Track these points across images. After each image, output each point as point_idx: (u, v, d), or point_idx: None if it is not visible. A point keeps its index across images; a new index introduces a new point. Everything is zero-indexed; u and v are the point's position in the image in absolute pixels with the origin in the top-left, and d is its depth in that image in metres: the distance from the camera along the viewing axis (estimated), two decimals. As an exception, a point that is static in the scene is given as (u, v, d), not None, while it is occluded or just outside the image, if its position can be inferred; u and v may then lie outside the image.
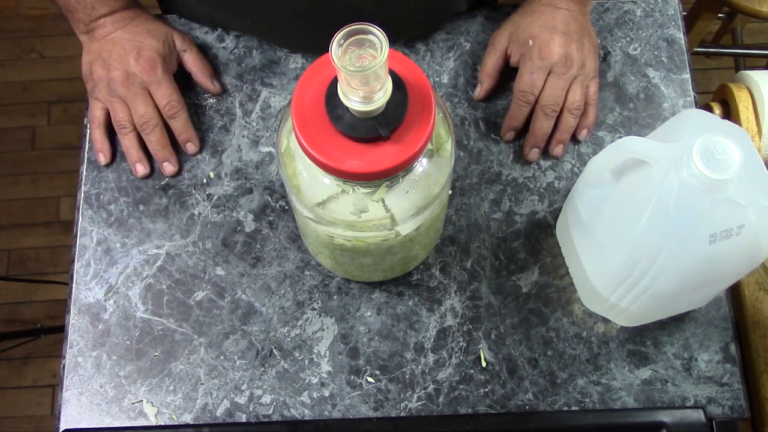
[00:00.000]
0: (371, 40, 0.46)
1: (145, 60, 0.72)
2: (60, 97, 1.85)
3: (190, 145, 0.75)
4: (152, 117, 0.73)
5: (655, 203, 0.55)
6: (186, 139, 0.75)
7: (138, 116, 0.72)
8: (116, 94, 0.72)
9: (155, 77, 0.72)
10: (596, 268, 0.65)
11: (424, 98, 0.51)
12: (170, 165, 0.75)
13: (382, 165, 0.50)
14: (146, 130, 0.73)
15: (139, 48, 0.72)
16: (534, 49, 0.71)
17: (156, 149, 0.74)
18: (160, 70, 0.72)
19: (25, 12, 1.94)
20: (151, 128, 0.73)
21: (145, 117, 0.72)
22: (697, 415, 0.66)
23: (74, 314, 0.72)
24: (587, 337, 0.71)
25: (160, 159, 0.74)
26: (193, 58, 0.77)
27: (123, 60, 0.72)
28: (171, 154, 0.74)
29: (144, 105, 0.72)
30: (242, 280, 0.73)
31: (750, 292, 0.74)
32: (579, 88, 0.72)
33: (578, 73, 0.72)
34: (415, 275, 0.73)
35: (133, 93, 0.72)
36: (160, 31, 0.74)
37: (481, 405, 0.69)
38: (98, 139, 0.75)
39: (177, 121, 0.74)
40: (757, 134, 0.80)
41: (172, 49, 0.75)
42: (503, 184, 0.76)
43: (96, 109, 0.74)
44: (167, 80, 0.73)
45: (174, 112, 0.73)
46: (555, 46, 0.71)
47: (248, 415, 0.69)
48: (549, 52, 0.71)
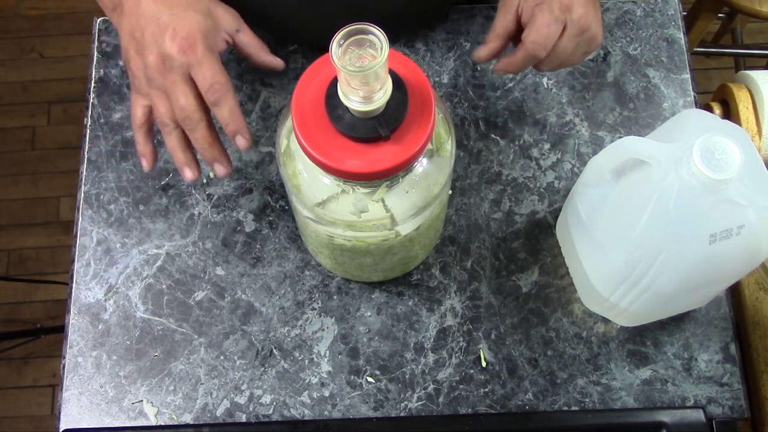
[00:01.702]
0: (371, 40, 0.46)
1: (182, 38, 0.58)
2: (60, 97, 1.85)
3: (240, 138, 0.61)
4: (194, 110, 0.59)
5: (655, 203, 0.55)
6: (234, 130, 0.60)
7: (178, 110, 0.60)
8: (154, 84, 0.60)
9: (195, 57, 0.58)
10: (596, 268, 0.65)
11: (424, 98, 0.51)
12: (221, 166, 0.62)
13: (382, 165, 0.50)
14: (189, 126, 0.60)
15: (175, 24, 0.58)
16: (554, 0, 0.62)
17: (202, 148, 0.61)
18: (200, 48, 0.59)
19: (25, 12, 1.94)
20: (194, 124, 0.60)
21: (186, 110, 0.59)
22: (697, 415, 0.66)
23: (74, 314, 0.72)
24: (587, 337, 0.71)
25: (209, 159, 0.62)
26: (248, 37, 0.64)
27: (157, 40, 0.59)
28: (221, 153, 0.62)
29: (184, 96, 0.59)
30: (242, 280, 0.73)
31: (750, 292, 0.74)
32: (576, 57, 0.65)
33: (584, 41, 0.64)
34: (415, 275, 0.73)
35: (172, 81, 0.59)
36: (201, 4, 0.61)
37: (481, 405, 0.69)
38: (140, 141, 0.64)
39: (221, 108, 0.60)
40: (757, 134, 0.80)
41: (216, 25, 0.62)
42: (503, 184, 0.76)
43: (136, 106, 0.63)
44: (209, 59, 0.59)
45: (217, 98, 0.59)
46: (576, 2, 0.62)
47: (248, 415, 0.69)
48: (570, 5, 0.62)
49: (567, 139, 0.77)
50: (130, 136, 0.78)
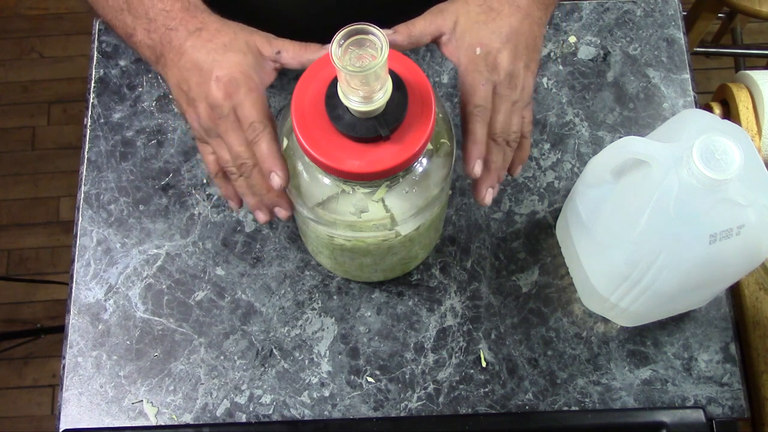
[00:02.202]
0: (371, 40, 0.46)
1: (225, 83, 0.56)
2: (60, 97, 1.85)
3: (274, 176, 0.56)
4: (248, 156, 0.57)
5: (655, 203, 0.55)
6: (267, 168, 0.57)
7: (233, 157, 0.58)
8: (212, 134, 0.59)
9: (238, 99, 0.56)
10: (596, 268, 0.65)
11: (424, 98, 0.51)
12: (281, 209, 0.59)
13: (382, 165, 0.50)
14: (245, 172, 0.58)
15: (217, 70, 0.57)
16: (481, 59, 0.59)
17: (260, 194, 0.59)
18: (243, 90, 0.56)
19: (25, 12, 1.94)
20: (248, 169, 0.57)
21: (240, 157, 0.57)
22: (697, 415, 0.66)
23: (74, 314, 0.72)
24: (587, 337, 0.71)
25: (268, 205, 0.59)
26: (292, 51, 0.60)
27: (203, 90, 0.57)
28: (279, 197, 0.59)
29: (236, 142, 0.57)
30: (242, 280, 0.73)
31: (750, 292, 0.74)
32: (517, 115, 0.60)
33: (519, 97, 0.59)
34: (415, 275, 0.73)
35: (224, 129, 0.57)
36: (239, 42, 0.58)
37: (481, 405, 0.69)
38: (221, 187, 0.62)
39: (258, 146, 0.57)
40: (757, 134, 0.80)
41: (259, 58, 0.59)
42: (503, 184, 0.76)
43: (206, 155, 0.61)
44: (250, 99, 0.56)
45: (254, 137, 0.56)
46: (503, 60, 0.58)
47: (248, 415, 0.69)
48: (496, 66, 0.58)
49: (567, 139, 0.77)
50: (131, 136, 0.78)
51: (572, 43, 0.81)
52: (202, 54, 0.57)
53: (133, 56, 0.81)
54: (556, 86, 0.79)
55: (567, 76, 0.80)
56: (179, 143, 0.77)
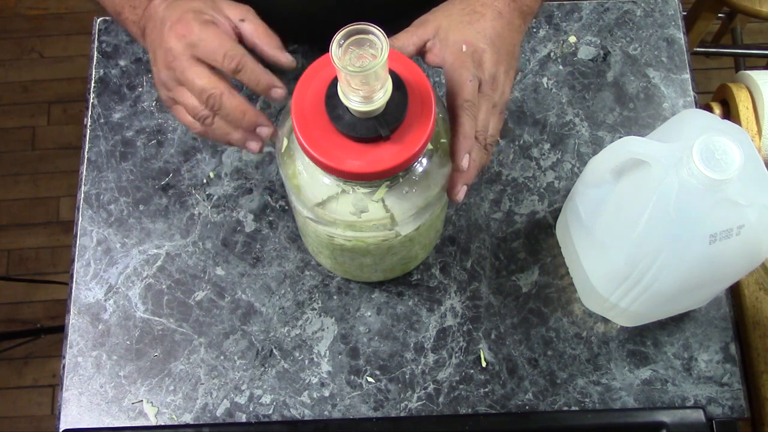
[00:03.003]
0: (371, 40, 0.46)
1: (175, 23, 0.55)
2: (60, 97, 1.85)
3: (275, 90, 0.56)
4: (213, 86, 0.55)
5: (655, 203, 0.55)
6: (266, 86, 0.56)
7: (198, 94, 0.55)
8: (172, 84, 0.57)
9: (193, 35, 0.54)
10: (596, 268, 0.65)
11: (424, 98, 0.51)
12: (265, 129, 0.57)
13: (382, 165, 0.50)
14: (215, 105, 0.56)
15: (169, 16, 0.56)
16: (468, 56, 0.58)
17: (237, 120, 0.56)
18: (196, 25, 0.55)
19: (25, 12, 1.94)
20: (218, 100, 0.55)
21: (206, 90, 0.55)
22: (697, 415, 0.66)
23: (74, 314, 0.72)
24: (587, 337, 0.71)
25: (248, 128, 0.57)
26: (254, 28, 0.58)
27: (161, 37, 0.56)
28: (258, 115, 0.57)
29: (198, 77, 0.55)
30: (242, 280, 0.73)
31: (750, 292, 0.74)
32: (495, 119, 0.59)
33: (498, 100, 0.59)
34: (415, 275, 0.73)
35: (180, 69, 0.55)
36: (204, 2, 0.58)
37: (481, 405, 0.69)
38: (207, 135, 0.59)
39: (244, 72, 0.55)
40: (757, 134, 0.80)
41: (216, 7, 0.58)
42: (503, 184, 0.76)
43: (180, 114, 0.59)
44: (209, 32, 0.55)
45: (235, 64, 0.55)
46: (487, 60, 0.58)
47: (248, 415, 0.69)
48: (483, 65, 0.58)
49: (567, 139, 0.77)
50: (131, 136, 0.78)
51: (572, 43, 0.81)
52: (168, 11, 0.57)
53: (133, 56, 0.81)
54: (556, 86, 0.79)
55: (567, 76, 0.80)
56: (179, 143, 0.77)
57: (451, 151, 0.56)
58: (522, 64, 0.80)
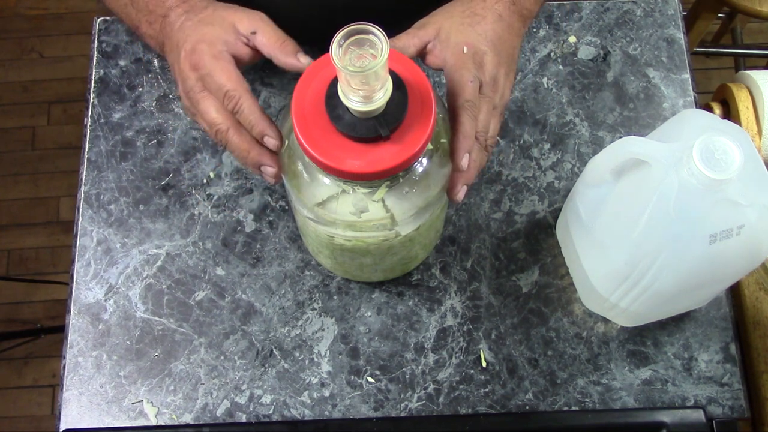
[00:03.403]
0: (371, 40, 0.46)
1: (188, 54, 0.57)
2: (60, 97, 1.85)
3: (268, 139, 0.56)
4: (220, 122, 0.57)
5: (655, 203, 0.55)
6: (258, 133, 0.56)
7: (209, 127, 0.58)
8: (191, 110, 0.60)
9: (204, 69, 0.56)
10: (596, 268, 0.65)
11: (424, 98, 0.51)
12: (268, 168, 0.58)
13: (382, 165, 0.50)
14: (222, 139, 0.58)
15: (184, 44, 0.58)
16: (469, 57, 0.59)
17: (241, 158, 0.58)
18: (207, 58, 0.56)
19: (25, 12, 1.94)
20: (223, 135, 0.57)
21: (214, 125, 0.57)
22: (697, 415, 0.66)
23: (74, 314, 0.72)
24: (587, 337, 0.71)
25: (251, 167, 0.59)
26: (267, 38, 0.59)
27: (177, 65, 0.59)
28: (261, 155, 0.58)
29: (207, 111, 0.57)
30: (242, 280, 0.73)
31: (750, 292, 0.74)
32: (495, 120, 0.60)
33: (498, 103, 0.60)
34: (415, 275, 0.73)
35: (195, 100, 0.58)
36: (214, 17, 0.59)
37: (481, 405, 0.69)
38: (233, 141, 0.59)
39: (241, 114, 0.56)
40: (757, 134, 0.80)
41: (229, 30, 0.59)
42: (503, 184, 0.76)
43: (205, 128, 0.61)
44: (218, 67, 0.56)
45: (233, 105, 0.56)
46: (488, 62, 0.59)
47: (248, 415, 0.69)
48: (484, 67, 0.59)
49: (567, 139, 0.77)
50: (130, 136, 0.78)
51: (572, 43, 0.81)
52: (181, 33, 0.59)
53: (133, 56, 0.81)
54: (556, 86, 0.79)
55: (567, 76, 0.80)
56: (179, 143, 0.77)
57: (451, 150, 0.56)
58: (522, 64, 0.80)
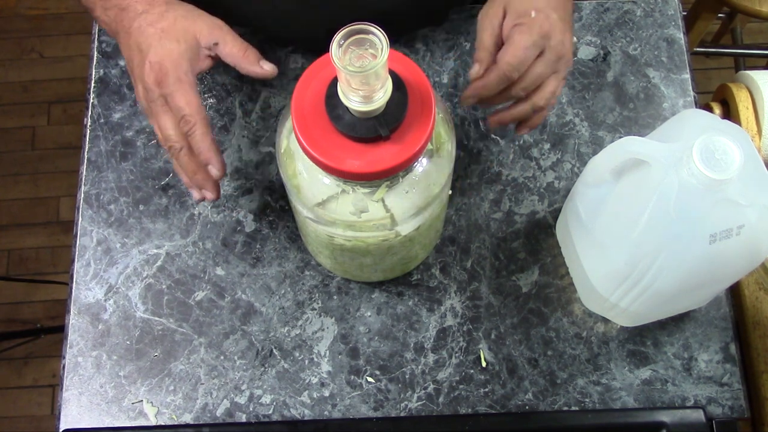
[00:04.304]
0: (371, 40, 0.46)
1: (155, 70, 0.60)
2: (60, 97, 1.85)
3: (211, 168, 0.62)
4: (176, 139, 0.61)
5: (655, 203, 0.55)
6: (204, 160, 0.61)
7: (164, 139, 0.62)
8: (150, 112, 0.63)
9: (167, 89, 0.60)
10: (596, 268, 0.65)
11: (424, 98, 0.51)
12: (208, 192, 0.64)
13: (382, 165, 0.50)
14: (174, 154, 0.62)
15: (150, 55, 0.61)
16: (536, 23, 0.61)
17: (188, 174, 0.63)
18: (171, 79, 0.60)
19: (25, 12, 1.93)
20: (176, 152, 0.62)
21: (170, 139, 0.61)
22: (697, 415, 0.66)
23: (74, 314, 0.72)
24: (587, 337, 0.71)
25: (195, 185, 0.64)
26: (229, 48, 0.62)
27: (140, 72, 0.61)
28: (205, 179, 0.63)
29: (165, 125, 0.61)
30: (242, 280, 0.73)
31: (750, 292, 0.74)
32: (554, 83, 0.64)
33: (560, 68, 0.64)
34: (415, 275, 0.73)
35: (156, 111, 0.61)
36: (176, 29, 0.61)
37: (481, 405, 0.69)
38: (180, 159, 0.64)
39: (193, 138, 0.61)
40: (757, 134, 0.80)
41: (192, 46, 0.62)
42: (503, 184, 0.76)
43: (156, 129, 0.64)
44: (180, 90, 0.60)
45: (187, 129, 0.60)
46: (556, 29, 0.61)
47: (248, 415, 0.69)
48: (550, 31, 0.61)
49: (567, 139, 0.77)
50: (130, 136, 0.78)
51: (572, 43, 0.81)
52: (143, 38, 0.61)
53: (133, 56, 0.81)
54: (556, 86, 0.79)
55: (567, 76, 0.79)
56: (179, 143, 0.77)
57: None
58: (522, 64, 0.80)
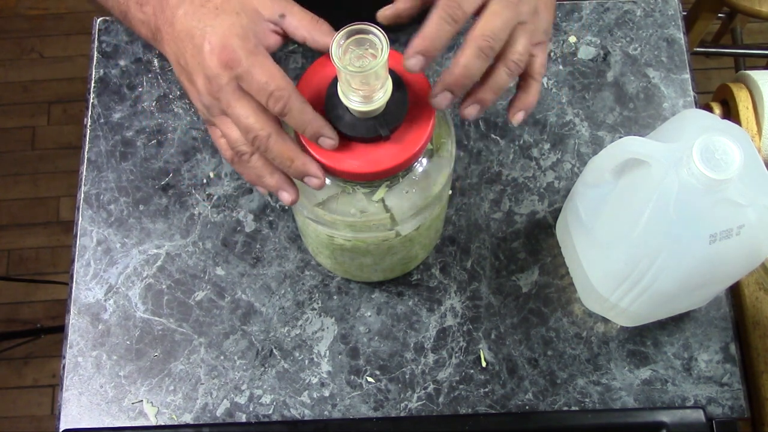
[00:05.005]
0: (371, 40, 0.46)
1: (219, 50, 0.50)
2: (60, 97, 1.85)
3: (324, 140, 0.51)
4: (260, 126, 0.50)
5: (655, 203, 0.55)
6: (314, 133, 0.50)
7: (244, 132, 0.51)
8: (214, 111, 0.53)
9: (241, 67, 0.50)
10: (596, 268, 0.65)
11: (424, 98, 0.51)
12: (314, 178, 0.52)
13: (382, 165, 0.50)
14: (261, 146, 0.51)
15: (209, 36, 0.50)
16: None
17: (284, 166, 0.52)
18: (242, 54, 0.50)
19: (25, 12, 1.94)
20: (264, 142, 0.51)
21: (252, 130, 0.50)
22: (697, 415, 0.66)
23: (74, 314, 0.72)
24: (587, 337, 0.71)
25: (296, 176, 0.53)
26: (297, 20, 0.53)
27: (199, 62, 0.51)
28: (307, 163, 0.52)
29: (244, 114, 0.51)
30: (242, 280, 0.73)
31: (750, 292, 0.74)
32: (524, 37, 0.53)
33: (527, 19, 0.53)
34: (415, 275, 0.73)
35: (227, 102, 0.51)
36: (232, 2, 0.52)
37: (481, 405, 0.69)
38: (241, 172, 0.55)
39: (291, 115, 0.50)
40: (757, 134, 0.80)
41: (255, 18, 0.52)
42: (503, 184, 0.76)
43: (217, 138, 0.55)
44: (257, 64, 0.50)
45: (282, 106, 0.49)
46: None
47: (248, 415, 0.69)
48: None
49: (567, 139, 0.77)
50: (131, 136, 0.78)
51: (572, 43, 0.81)
52: (194, 21, 0.51)
53: (133, 56, 0.81)
54: (556, 86, 0.79)
55: (567, 76, 0.80)
56: (179, 143, 0.77)
57: None
58: (522, 64, 0.80)
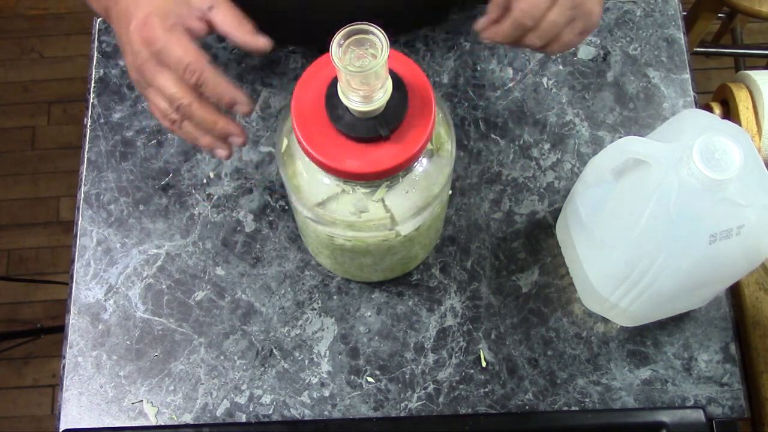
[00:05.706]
0: (371, 40, 0.46)
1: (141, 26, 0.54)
2: (60, 97, 1.85)
3: (240, 106, 0.56)
4: (183, 95, 0.55)
5: (655, 203, 0.55)
6: (229, 101, 0.56)
7: (169, 102, 0.56)
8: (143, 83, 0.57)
9: (159, 43, 0.54)
10: (596, 268, 0.65)
11: (424, 98, 0.51)
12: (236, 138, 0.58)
13: (382, 165, 0.50)
14: (186, 113, 0.56)
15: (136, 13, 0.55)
16: None
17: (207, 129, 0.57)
18: (160, 31, 0.54)
19: (25, 12, 1.94)
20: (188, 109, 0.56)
21: (176, 98, 0.55)
22: (697, 415, 0.66)
23: (74, 314, 0.72)
24: (587, 337, 0.71)
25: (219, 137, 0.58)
26: (223, 15, 0.57)
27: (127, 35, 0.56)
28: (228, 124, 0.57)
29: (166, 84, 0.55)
30: (242, 280, 0.73)
31: (750, 292, 0.74)
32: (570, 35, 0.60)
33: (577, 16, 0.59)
34: (415, 275, 0.73)
35: (150, 74, 0.55)
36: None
37: (481, 405, 0.69)
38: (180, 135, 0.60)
39: (206, 87, 0.55)
40: (757, 134, 0.80)
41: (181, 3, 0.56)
42: (503, 184, 0.76)
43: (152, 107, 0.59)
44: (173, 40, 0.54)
45: (195, 78, 0.54)
46: None
47: (248, 415, 0.69)
48: None
49: (567, 139, 0.77)
50: (131, 136, 0.78)
51: (572, 43, 0.81)
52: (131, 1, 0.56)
53: (133, 56, 0.81)
54: (556, 86, 0.79)
55: (567, 76, 0.80)
56: (179, 143, 0.77)
57: None
58: (522, 64, 0.80)
